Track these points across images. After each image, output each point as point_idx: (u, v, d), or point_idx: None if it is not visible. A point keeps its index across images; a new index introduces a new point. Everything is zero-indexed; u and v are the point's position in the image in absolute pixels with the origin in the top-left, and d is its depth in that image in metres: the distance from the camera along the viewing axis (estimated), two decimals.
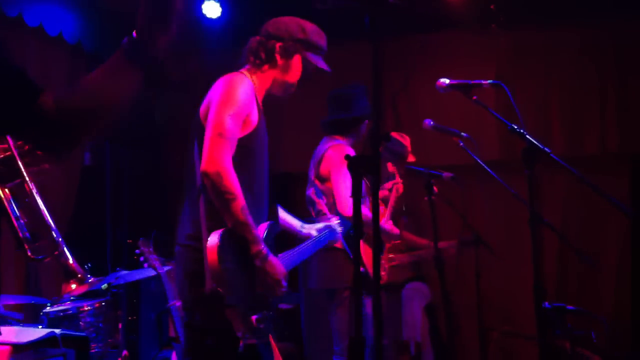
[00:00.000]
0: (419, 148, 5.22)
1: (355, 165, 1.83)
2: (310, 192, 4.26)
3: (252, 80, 2.98)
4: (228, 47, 5.93)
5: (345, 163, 4.10)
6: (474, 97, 3.03)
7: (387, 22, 5.38)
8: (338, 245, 3.89)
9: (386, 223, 4.16)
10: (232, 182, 2.66)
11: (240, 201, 2.66)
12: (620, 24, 5.65)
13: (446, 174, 3.83)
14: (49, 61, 5.31)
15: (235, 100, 2.80)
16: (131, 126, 5.96)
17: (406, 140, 4.78)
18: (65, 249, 1.84)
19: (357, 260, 1.78)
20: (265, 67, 3.03)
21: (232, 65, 3.08)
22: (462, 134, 3.90)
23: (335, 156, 4.16)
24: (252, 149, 2.87)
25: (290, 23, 3.09)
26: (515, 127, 2.84)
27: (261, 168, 2.94)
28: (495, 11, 5.71)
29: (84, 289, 1.71)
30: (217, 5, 5.64)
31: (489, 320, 5.32)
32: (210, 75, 6.52)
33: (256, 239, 2.70)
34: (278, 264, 2.76)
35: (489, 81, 3.02)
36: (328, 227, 3.37)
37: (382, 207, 4.40)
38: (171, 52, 1.73)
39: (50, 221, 1.87)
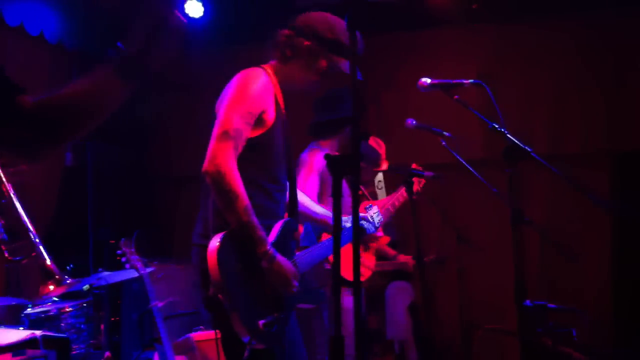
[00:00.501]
0: (403, 147, 5.24)
1: (335, 165, 1.81)
2: None
3: (274, 75, 2.87)
4: (211, 46, 5.92)
5: (309, 166, 4.09)
6: (456, 97, 3.04)
7: (371, 19, 5.41)
8: None
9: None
10: (234, 181, 2.56)
11: (242, 201, 2.56)
12: (599, 21, 5.71)
13: (427, 173, 3.82)
14: (30, 61, 5.27)
15: (247, 96, 2.68)
16: (113, 125, 5.92)
17: (381, 148, 4.77)
18: (42, 250, 1.82)
19: (337, 260, 1.78)
20: (290, 64, 2.90)
21: (215, 64, 3.04)
22: (445, 133, 3.90)
23: (304, 159, 4.10)
24: (267, 146, 2.76)
25: (320, 21, 2.92)
26: (497, 125, 2.85)
27: (279, 166, 2.83)
28: (478, 10, 5.74)
29: (61, 290, 1.69)
30: (200, 4, 5.62)
31: (472, 318, 5.34)
32: (193, 74, 6.49)
33: (261, 240, 2.59)
34: (286, 264, 2.66)
35: (470, 80, 3.02)
36: (363, 218, 3.33)
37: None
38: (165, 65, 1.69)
39: (28, 222, 1.85)
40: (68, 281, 1.80)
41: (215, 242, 2.53)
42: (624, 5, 5.59)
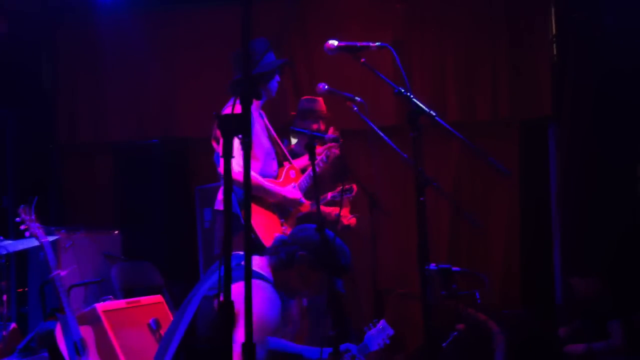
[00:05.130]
0: None
1: (225, 124, 1.76)
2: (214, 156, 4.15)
3: None
4: (120, 11, 5.68)
5: None
6: (362, 60, 3.01)
7: None
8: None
9: (293, 188, 4.05)
10: None
11: None
12: None
13: (328, 136, 3.82)
14: None
15: None
16: (16, 88, 5.67)
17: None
18: None
19: (229, 225, 1.73)
20: None
21: (124, 29, 2.89)
22: (356, 98, 3.89)
23: None
24: None
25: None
26: (402, 90, 2.83)
27: None
28: None
29: None
30: None
31: (384, 283, 5.41)
32: (100, 39, 6.18)
33: None
34: None
35: (377, 43, 2.99)
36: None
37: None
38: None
39: None
40: None
41: None
42: None
